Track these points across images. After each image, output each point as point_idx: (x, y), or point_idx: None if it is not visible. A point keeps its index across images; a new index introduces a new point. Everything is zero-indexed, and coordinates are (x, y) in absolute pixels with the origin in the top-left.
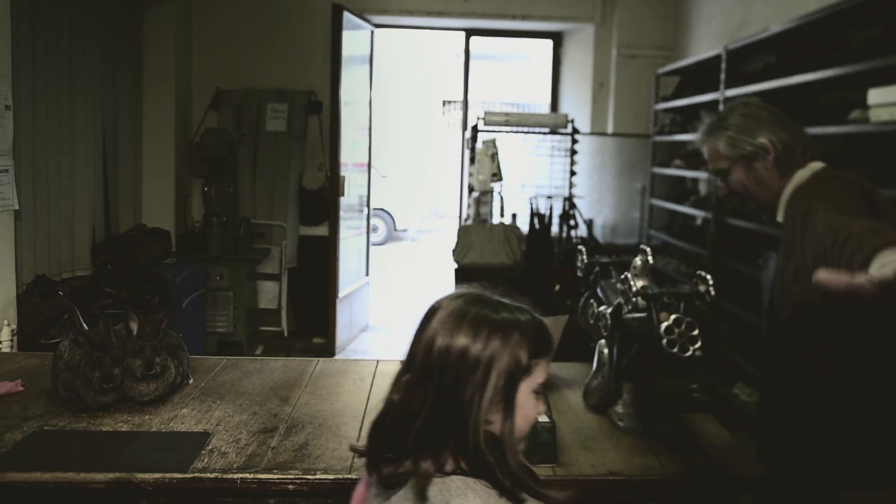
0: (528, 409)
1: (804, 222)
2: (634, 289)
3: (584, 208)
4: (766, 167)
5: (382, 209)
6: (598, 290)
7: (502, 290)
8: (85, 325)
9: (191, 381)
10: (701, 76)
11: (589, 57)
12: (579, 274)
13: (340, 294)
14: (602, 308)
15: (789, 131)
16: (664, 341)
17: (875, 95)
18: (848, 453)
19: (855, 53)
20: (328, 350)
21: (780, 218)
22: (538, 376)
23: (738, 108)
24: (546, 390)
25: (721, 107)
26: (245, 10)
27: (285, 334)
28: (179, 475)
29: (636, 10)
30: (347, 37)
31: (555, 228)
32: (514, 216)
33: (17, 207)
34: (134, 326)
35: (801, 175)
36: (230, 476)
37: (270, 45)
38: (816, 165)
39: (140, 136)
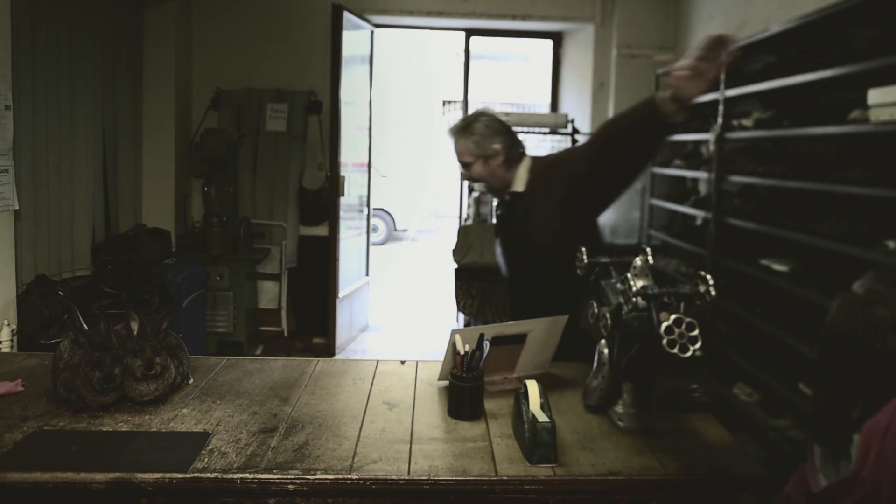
0: None
1: (547, 181)
2: (634, 289)
3: None
4: (498, 164)
5: (382, 209)
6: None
7: (502, 290)
8: (85, 325)
9: (191, 381)
10: None
11: (589, 57)
12: (579, 273)
13: (340, 294)
14: (602, 308)
15: (511, 139)
16: (664, 341)
17: (875, 95)
18: None
19: (855, 53)
20: (328, 350)
21: (519, 188)
22: None
23: (480, 117)
24: (546, 390)
25: (721, 107)
26: (245, 11)
27: (285, 334)
28: (179, 475)
29: (636, 10)
30: (347, 37)
31: None
32: None
33: (17, 207)
34: (134, 326)
35: (525, 164)
36: (230, 476)
37: (270, 45)
38: (530, 157)
39: (140, 136)
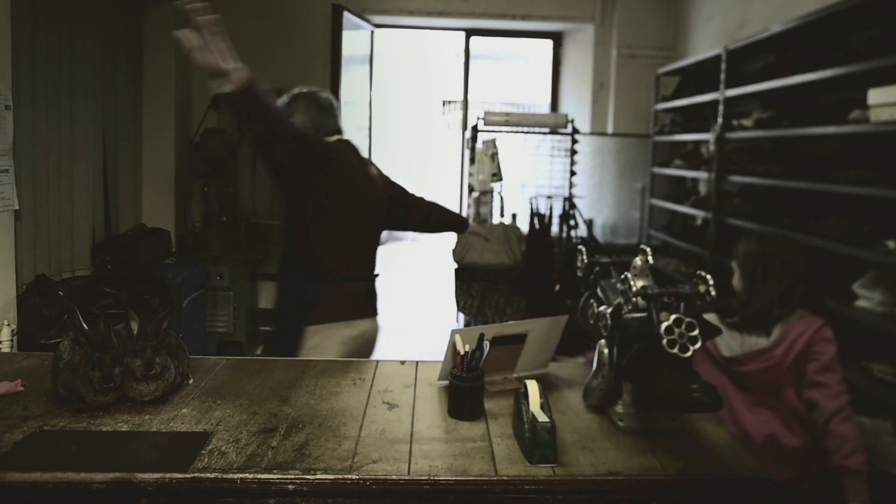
0: None
1: None
2: (634, 289)
3: (584, 208)
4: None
5: None
6: (598, 290)
7: (502, 290)
8: (85, 325)
9: (191, 381)
10: (701, 76)
11: (589, 57)
12: (579, 274)
13: None
14: (602, 308)
15: (316, 118)
16: (664, 341)
17: (875, 95)
18: None
19: (855, 53)
20: None
21: None
22: None
23: (304, 90)
24: (546, 390)
25: (721, 107)
26: (245, 11)
27: None
28: (179, 475)
29: (636, 10)
30: (347, 37)
31: (555, 228)
32: (514, 216)
33: (17, 207)
34: (134, 326)
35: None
36: (230, 476)
37: (270, 45)
38: (335, 137)
39: (140, 137)
